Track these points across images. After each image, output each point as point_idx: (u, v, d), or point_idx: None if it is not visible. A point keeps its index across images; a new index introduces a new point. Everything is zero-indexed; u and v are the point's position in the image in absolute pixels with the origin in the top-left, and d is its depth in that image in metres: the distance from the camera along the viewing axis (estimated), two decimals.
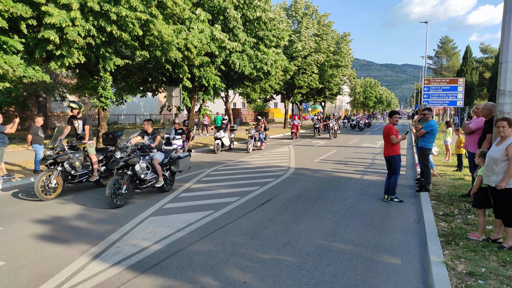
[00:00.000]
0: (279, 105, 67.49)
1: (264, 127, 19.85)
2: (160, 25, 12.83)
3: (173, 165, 8.68)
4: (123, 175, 7.35)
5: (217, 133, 16.66)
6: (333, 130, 25.03)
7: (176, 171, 8.72)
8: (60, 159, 7.99)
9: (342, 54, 39.00)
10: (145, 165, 7.71)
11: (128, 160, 7.41)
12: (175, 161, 8.72)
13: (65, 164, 8.10)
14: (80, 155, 8.61)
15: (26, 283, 4.11)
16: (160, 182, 8.02)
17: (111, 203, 7.03)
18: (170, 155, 8.73)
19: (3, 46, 10.16)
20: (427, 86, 23.57)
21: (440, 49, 76.87)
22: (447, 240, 5.12)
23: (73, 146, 8.62)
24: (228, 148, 17.32)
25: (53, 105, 29.64)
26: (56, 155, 7.99)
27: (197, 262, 4.65)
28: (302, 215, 6.69)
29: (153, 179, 7.93)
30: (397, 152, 7.68)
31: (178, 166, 8.64)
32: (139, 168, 7.52)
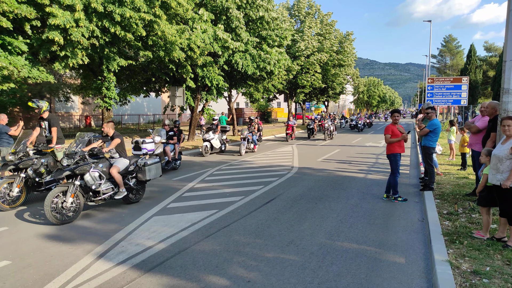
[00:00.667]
0: (282, 105, 67.48)
1: (257, 128, 18.79)
2: (164, 25, 12.87)
3: (139, 173, 7.61)
4: (69, 185, 6.32)
5: (205, 134, 15.39)
6: (329, 131, 23.29)
7: (143, 180, 7.62)
8: (23, 165, 7.15)
9: (345, 53, 38.95)
10: (97, 174, 6.68)
11: (75, 169, 6.37)
12: (141, 168, 7.60)
13: (28, 170, 7.24)
14: (47, 160, 7.67)
15: (32, 282, 4.15)
16: (121, 193, 7.07)
17: (53, 219, 6.00)
18: (136, 162, 7.67)
19: (8, 47, 10.23)
20: (431, 85, 23.49)
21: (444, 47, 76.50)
22: (451, 239, 5.12)
23: (39, 150, 7.74)
24: (219, 151, 16.22)
25: (58, 106, 29.81)
26: (18, 160, 7.20)
27: (201, 261, 4.67)
28: (305, 214, 6.70)
29: (109, 190, 6.93)
30: (394, 151, 7.61)
31: (145, 174, 7.55)
32: (90, 177, 6.52)
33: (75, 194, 6.32)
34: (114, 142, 7.31)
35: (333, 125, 24.54)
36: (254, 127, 17.77)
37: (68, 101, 27.46)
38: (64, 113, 30.79)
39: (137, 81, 19.29)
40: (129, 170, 7.51)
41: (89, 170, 6.53)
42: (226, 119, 25.25)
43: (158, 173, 7.96)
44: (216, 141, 15.54)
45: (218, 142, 15.70)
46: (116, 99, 15.31)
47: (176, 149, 11.87)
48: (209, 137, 15.23)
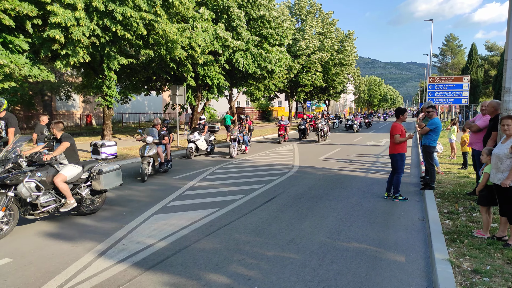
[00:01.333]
0: (283, 104, 67.43)
1: (248, 128, 17.64)
2: (165, 24, 12.87)
3: (94, 181, 6.62)
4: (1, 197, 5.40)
5: (190, 135, 14.18)
6: (322, 132, 21.20)
7: (97, 189, 6.63)
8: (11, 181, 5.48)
9: (346, 53, 38.92)
10: (33, 184, 5.70)
11: (5, 179, 5.39)
12: (95, 176, 6.60)
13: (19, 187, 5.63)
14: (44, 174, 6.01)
15: (33, 279, 4.16)
16: (69, 206, 6.10)
17: None
18: (91, 169, 6.66)
19: (9, 45, 10.24)
20: (432, 84, 23.46)
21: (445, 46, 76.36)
22: (452, 237, 5.12)
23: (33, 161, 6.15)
24: (206, 153, 15.11)
25: (58, 104, 29.84)
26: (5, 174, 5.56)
27: (201, 259, 4.68)
28: (306, 213, 6.70)
29: (51, 202, 5.96)
30: (398, 151, 7.61)
31: (100, 183, 6.55)
32: (24, 188, 5.57)
33: (7, 207, 5.45)
34: (61, 147, 6.27)
35: (327, 125, 22.91)
36: (245, 127, 16.44)
37: (69, 100, 27.48)
38: (65, 112, 30.81)
39: (138, 80, 19.30)
40: (82, 178, 6.52)
41: (23, 180, 5.57)
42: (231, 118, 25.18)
43: (116, 182, 6.94)
44: (202, 142, 14.43)
45: (204, 144, 14.58)
46: (117, 97, 15.32)
47: (167, 150, 11.16)
48: (194, 138, 14.12)
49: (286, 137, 21.42)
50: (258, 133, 25.55)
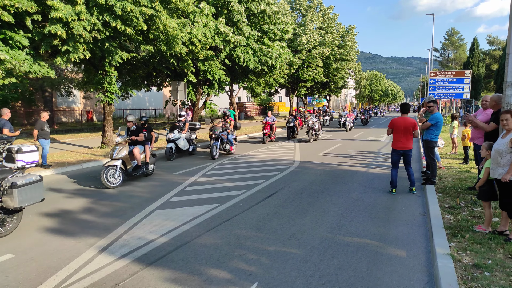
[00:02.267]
0: (284, 99, 67.31)
1: (234, 125, 15.92)
2: (165, 19, 12.80)
3: (6, 196, 5.28)
4: None
5: (169, 133, 12.75)
6: (313, 130, 18.68)
7: (10, 207, 5.30)
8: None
9: (347, 48, 38.73)
10: None
11: None
12: (7, 191, 5.27)
13: None
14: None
15: (35, 275, 4.17)
16: None
17: None
18: (0, 182, 5.33)
19: (9, 41, 10.20)
20: (433, 78, 23.38)
21: (447, 41, 76.06)
22: (453, 232, 5.11)
23: None
24: (187, 153, 13.74)
25: (59, 100, 29.83)
26: None
27: (202, 254, 4.69)
28: (307, 208, 6.71)
29: None
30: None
31: (14, 199, 5.23)
32: None
33: None
34: None
35: (319, 123, 20.30)
36: (230, 124, 14.71)
37: (69, 96, 27.46)
38: (66, 108, 30.81)
39: (138, 76, 19.25)
40: None
41: None
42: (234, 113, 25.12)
43: (36, 197, 5.66)
44: (183, 142, 13.04)
45: (186, 143, 13.20)
46: (117, 93, 15.29)
47: (146, 151, 9.67)
48: (174, 137, 12.69)
49: (273, 136, 18.76)
50: (242, 131, 23.45)
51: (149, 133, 9.95)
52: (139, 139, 9.48)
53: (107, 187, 8.33)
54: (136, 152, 9.12)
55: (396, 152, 7.78)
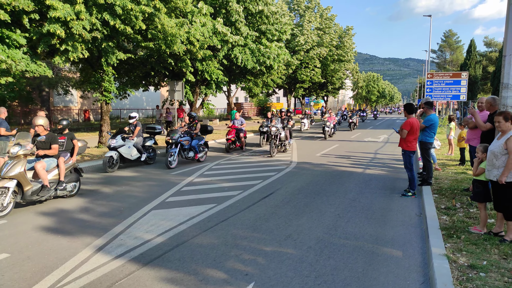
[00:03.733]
0: (282, 100, 67.39)
1: (205, 128, 13.32)
2: (164, 18, 12.80)
3: None
4: None
5: (111, 140, 10.57)
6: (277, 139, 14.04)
7: None
8: None
9: (344, 48, 38.86)
10: None
11: None
12: None
13: None
14: None
15: (31, 274, 4.16)
16: None
17: None
18: None
19: (6, 40, 10.16)
20: (430, 80, 23.46)
21: (444, 43, 76.36)
22: (449, 233, 5.14)
23: None
24: (144, 163, 11.64)
25: (56, 99, 29.74)
26: None
27: (199, 254, 4.69)
28: (303, 209, 6.72)
29: None
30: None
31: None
32: None
33: None
34: None
35: (288, 129, 16.13)
36: (195, 127, 12.43)
37: (67, 94, 27.37)
38: (63, 107, 30.72)
39: (136, 75, 19.22)
40: None
41: None
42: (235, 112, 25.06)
43: None
44: (129, 149, 10.83)
45: (132, 151, 10.97)
46: (115, 92, 15.26)
47: (60, 166, 7.20)
48: (116, 144, 10.49)
49: (243, 142, 15.23)
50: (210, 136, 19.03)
51: (69, 142, 7.73)
52: (49, 153, 7.10)
53: None
54: (40, 169, 6.76)
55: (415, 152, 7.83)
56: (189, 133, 11.90)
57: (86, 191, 8.21)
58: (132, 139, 11.06)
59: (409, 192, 7.71)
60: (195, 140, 11.92)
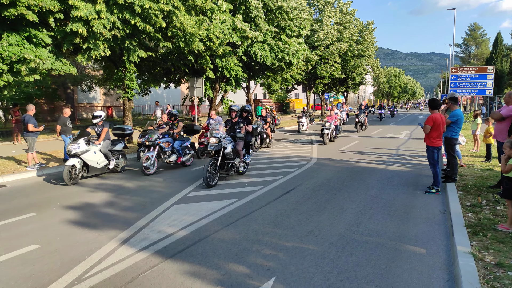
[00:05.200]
0: (301, 96, 67.00)
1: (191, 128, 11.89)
2: (182, 16, 12.91)
3: None
4: None
5: (72, 144, 8.65)
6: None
7: None
8: None
9: (365, 43, 38.24)
10: None
11: None
12: None
13: None
14: None
15: (60, 265, 4.31)
16: None
17: None
18: None
19: (33, 39, 10.48)
20: (454, 74, 22.83)
21: (469, 36, 74.07)
22: (475, 231, 5.02)
23: None
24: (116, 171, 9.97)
25: (80, 97, 30.50)
26: None
27: (221, 249, 4.75)
28: (325, 205, 6.69)
29: None
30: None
31: None
32: None
33: None
34: None
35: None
36: (176, 126, 10.96)
37: (91, 91, 28.05)
38: (87, 104, 31.49)
39: (157, 72, 19.50)
40: None
41: None
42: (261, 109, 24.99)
43: None
44: (94, 156, 9.03)
45: (99, 158, 9.19)
46: (137, 89, 15.53)
47: None
48: (78, 150, 8.62)
49: None
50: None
51: None
52: None
53: None
54: None
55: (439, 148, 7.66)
56: (170, 134, 10.49)
57: (110, 185, 8.41)
58: (98, 143, 9.32)
59: (433, 188, 7.56)
60: (177, 141, 10.58)
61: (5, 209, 6.60)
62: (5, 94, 11.26)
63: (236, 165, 8.91)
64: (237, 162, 8.93)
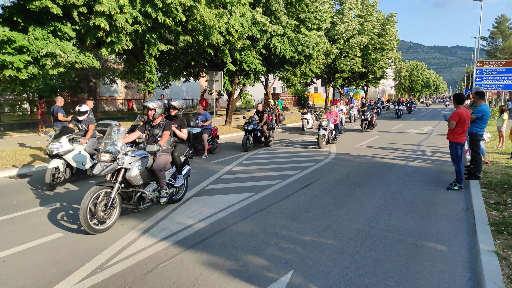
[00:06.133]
0: (320, 90, 66.36)
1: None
2: (203, 9, 12.96)
3: None
4: None
5: (53, 144, 7.55)
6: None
7: None
8: None
9: (387, 36, 37.41)
10: None
11: None
12: None
13: None
14: None
15: (83, 253, 4.44)
16: None
17: None
18: None
19: (58, 33, 10.73)
20: (480, 68, 22.13)
21: (495, 29, 71.45)
22: (499, 229, 4.88)
23: None
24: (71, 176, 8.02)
25: (102, 90, 31.10)
26: None
27: (239, 241, 4.78)
28: (343, 200, 6.63)
29: None
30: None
31: None
32: None
33: None
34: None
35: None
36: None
37: (112, 84, 28.57)
38: (109, 97, 32.10)
39: (177, 66, 19.67)
40: None
41: None
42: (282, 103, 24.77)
43: None
44: (79, 156, 7.96)
45: (84, 158, 8.08)
46: (157, 82, 15.72)
47: None
48: (61, 149, 7.57)
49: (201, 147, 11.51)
50: None
51: None
52: None
53: None
54: None
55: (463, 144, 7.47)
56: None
57: None
58: (84, 142, 8.18)
59: (455, 185, 7.39)
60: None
61: (31, 198, 6.83)
62: (32, 86, 11.60)
63: (149, 196, 5.59)
64: (151, 190, 5.65)
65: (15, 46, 9.60)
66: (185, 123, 6.56)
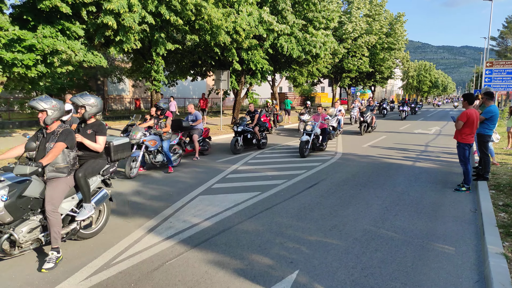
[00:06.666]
0: (326, 89, 66.14)
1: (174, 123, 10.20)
2: (210, 9, 12.99)
3: None
4: None
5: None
6: None
7: None
8: None
9: (395, 36, 37.19)
10: None
11: None
12: None
13: None
14: None
15: (90, 250, 4.48)
16: None
17: None
18: None
19: (67, 32, 10.83)
20: (489, 69, 21.87)
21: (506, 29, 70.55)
22: (507, 231, 4.83)
23: None
24: None
25: (110, 88, 31.32)
26: None
27: (244, 240, 4.79)
28: (349, 200, 6.61)
29: None
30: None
31: None
32: None
33: None
34: None
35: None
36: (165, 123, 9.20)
37: (120, 82, 28.75)
38: (116, 96, 32.32)
39: (184, 64, 19.74)
40: None
41: None
42: (291, 102, 24.77)
43: None
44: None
45: None
46: (164, 81, 15.79)
47: None
48: None
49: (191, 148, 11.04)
50: None
51: None
52: None
53: None
54: None
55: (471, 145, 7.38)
56: (156, 132, 8.95)
57: (138, 174, 8.62)
58: None
59: (463, 186, 7.32)
60: (166, 141, 9.05)
61: None
62: (41, 85, 11.72)
63: (21, 239, 3.94)
64: (25, 231, 3.97)
65: (24, 45, 9.70)
66: (102, 129, 4.90)
